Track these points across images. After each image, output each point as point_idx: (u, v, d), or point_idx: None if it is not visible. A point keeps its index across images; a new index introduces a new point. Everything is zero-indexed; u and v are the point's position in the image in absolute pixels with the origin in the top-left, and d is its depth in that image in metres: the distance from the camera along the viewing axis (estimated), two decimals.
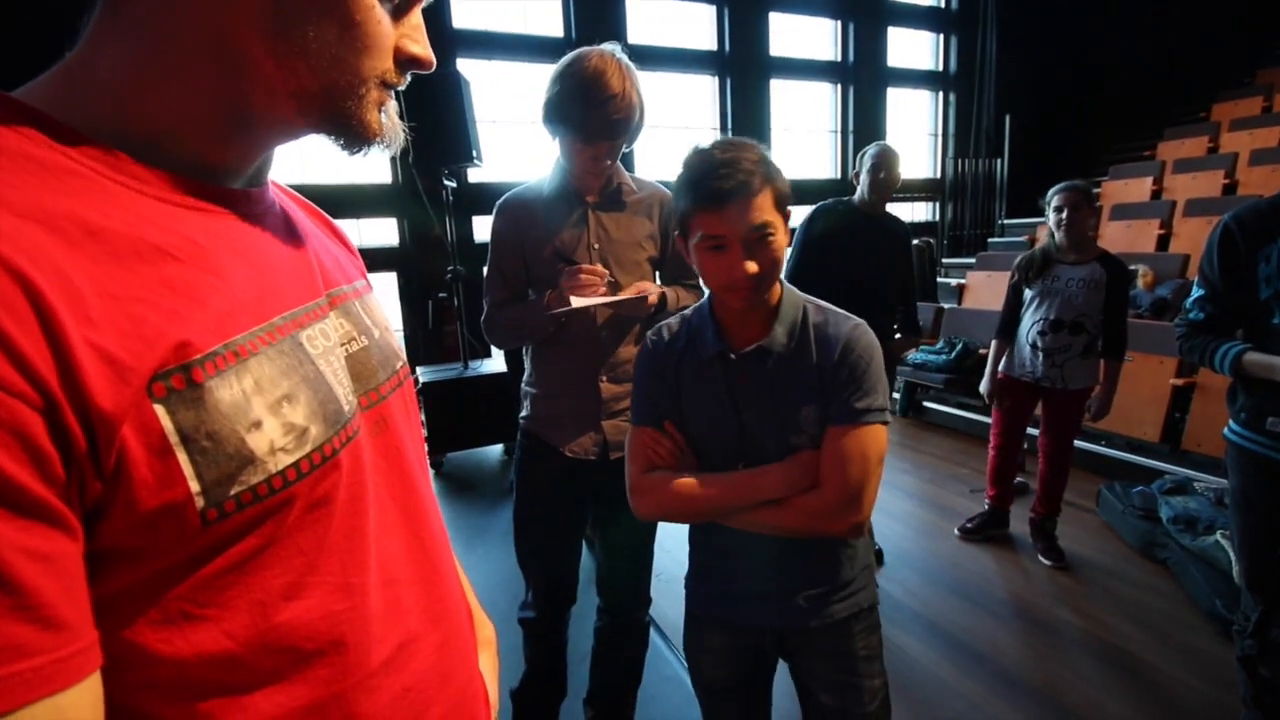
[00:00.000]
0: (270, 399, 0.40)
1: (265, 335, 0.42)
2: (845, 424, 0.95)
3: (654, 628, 2.30)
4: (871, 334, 1.00)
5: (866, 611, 1.07)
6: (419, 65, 0.47)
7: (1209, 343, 1.52)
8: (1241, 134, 5.76)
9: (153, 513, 0.35)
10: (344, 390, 0.47)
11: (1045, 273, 2.48)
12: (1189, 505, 2.65)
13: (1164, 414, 3.31)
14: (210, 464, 0.37)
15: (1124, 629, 2.21)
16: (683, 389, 1.04)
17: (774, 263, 0.94)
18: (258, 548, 0.40)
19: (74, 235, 0.34)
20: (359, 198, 5.20)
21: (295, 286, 0.47)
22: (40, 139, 0.36)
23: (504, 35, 5.65)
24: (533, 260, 1.40)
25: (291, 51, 0.40)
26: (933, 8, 7.98)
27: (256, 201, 0.47)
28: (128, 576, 0.36)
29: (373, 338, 0.54)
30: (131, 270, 0.36)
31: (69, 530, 0.32)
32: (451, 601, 0.56)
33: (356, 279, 0.57)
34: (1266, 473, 1.44)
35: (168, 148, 0.41)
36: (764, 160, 0.93)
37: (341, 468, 0.45)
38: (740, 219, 0.90)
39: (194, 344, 0.37)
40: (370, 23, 0.42)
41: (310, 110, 0.43)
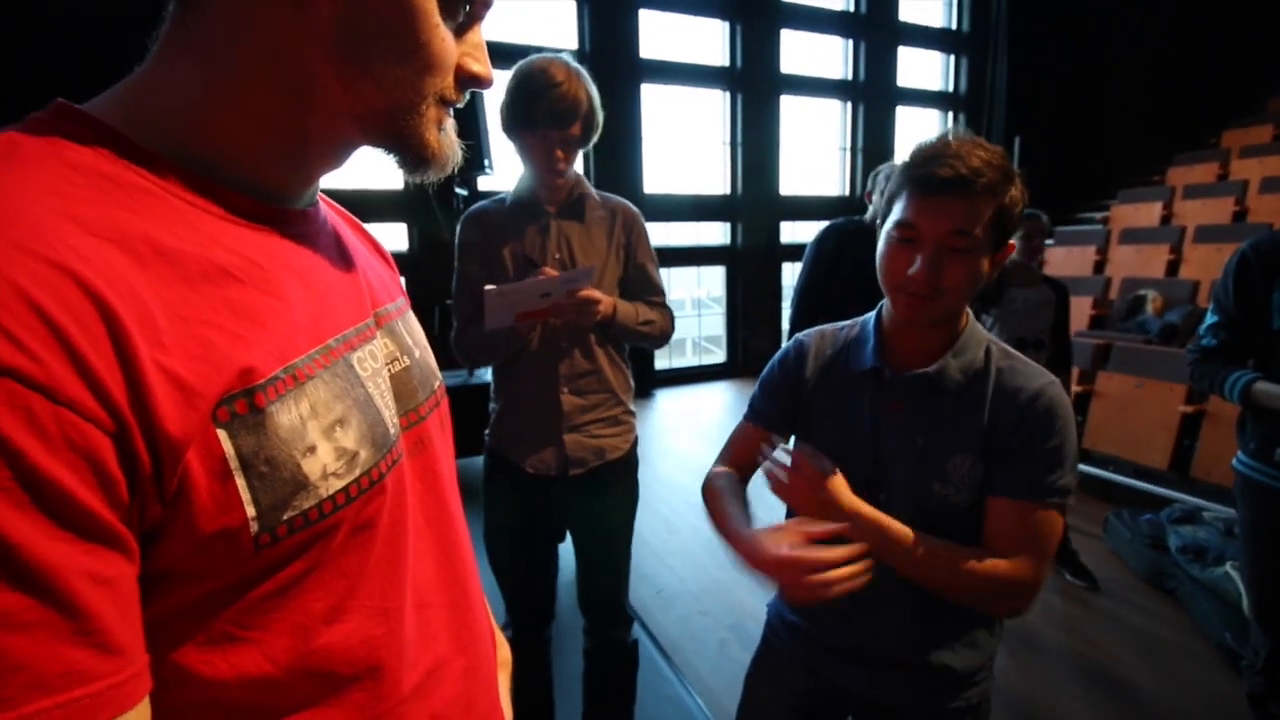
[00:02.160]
0: (325, 423, 0.40)
1: (321, 358, 0.42)
2: (1040, 498, 0.81)
3: (653, 645, 2.28)
4: (1065, 394, 0.86)
5: (976, 707, 0.93)
6: (479, 83, 0.46)
7: (1220, 370, 1.51)
8: (1252, 161, 5.75)
9: (209, 537, 0.35)
10: (389, 413, 0.47)
11: (1000, 297, 2.63)
12: (1198, 535, 2.62)
13: (1173, 441, 3.28)
14: (266, 489, 0.37)
15: (1132, 660, 2.18)
16: (817, 400, 0.95)
17: (962, 281, 0.82)
18: (304, 571, 0.40)
19: (146, 256, 0.34)
20: (370, 202, 5.24)
21: (347, 307, 0.47)
22: (113, 157, 0.36)
23: (518, 46, 5.68)
24: (498, 270, 1.39)
25: (358, 74, 0.41)
26: (943, 29, 8.04)
27: (311, 220, 0.47)
28: (178, 599, 0.35)
29: (414, 357, 0.54)
30: (199, 292, 0.36)
31: (128, 553, 0.32)
32: (478, 626, 0.56)
33: (398, 297, 0.57)
34: (1275, 505, 1.43)
35: (232, 168, 0.41)
36: (1003, 171, 0.81)
37: (386, 491, 0.45)
38: (943, 216, 0.80)
39: (258, 369, 0.37)
40: (436, 41, 0.42)
41: (373, 130, 0.43)
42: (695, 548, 3.03)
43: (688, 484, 3.87)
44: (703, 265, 7.26)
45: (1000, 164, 0.81)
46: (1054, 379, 0.86)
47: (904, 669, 0.92)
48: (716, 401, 6.08)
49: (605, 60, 6.03)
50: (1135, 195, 6.19)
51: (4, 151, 0.34)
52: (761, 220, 7.07)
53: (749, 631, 2.33)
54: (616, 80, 6.10)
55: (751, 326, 7.15)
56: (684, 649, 2.27)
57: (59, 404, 0.29)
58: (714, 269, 7.27)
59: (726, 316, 7.31)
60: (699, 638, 2.34)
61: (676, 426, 5.22)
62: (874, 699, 0.94)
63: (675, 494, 3.72)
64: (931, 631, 0.90)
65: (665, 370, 6.93)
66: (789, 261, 7.42)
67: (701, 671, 2.15)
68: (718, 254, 7.12)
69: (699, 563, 2.89)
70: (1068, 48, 7.36)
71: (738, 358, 7.21)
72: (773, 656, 1.05)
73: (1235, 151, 6.14)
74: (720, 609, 2.53)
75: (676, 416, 5.53)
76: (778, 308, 7.37)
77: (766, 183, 7.04)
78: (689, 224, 6.90)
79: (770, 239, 7.17)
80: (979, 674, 0.93)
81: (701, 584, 2.71)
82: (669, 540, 3.12)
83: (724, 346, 7.44)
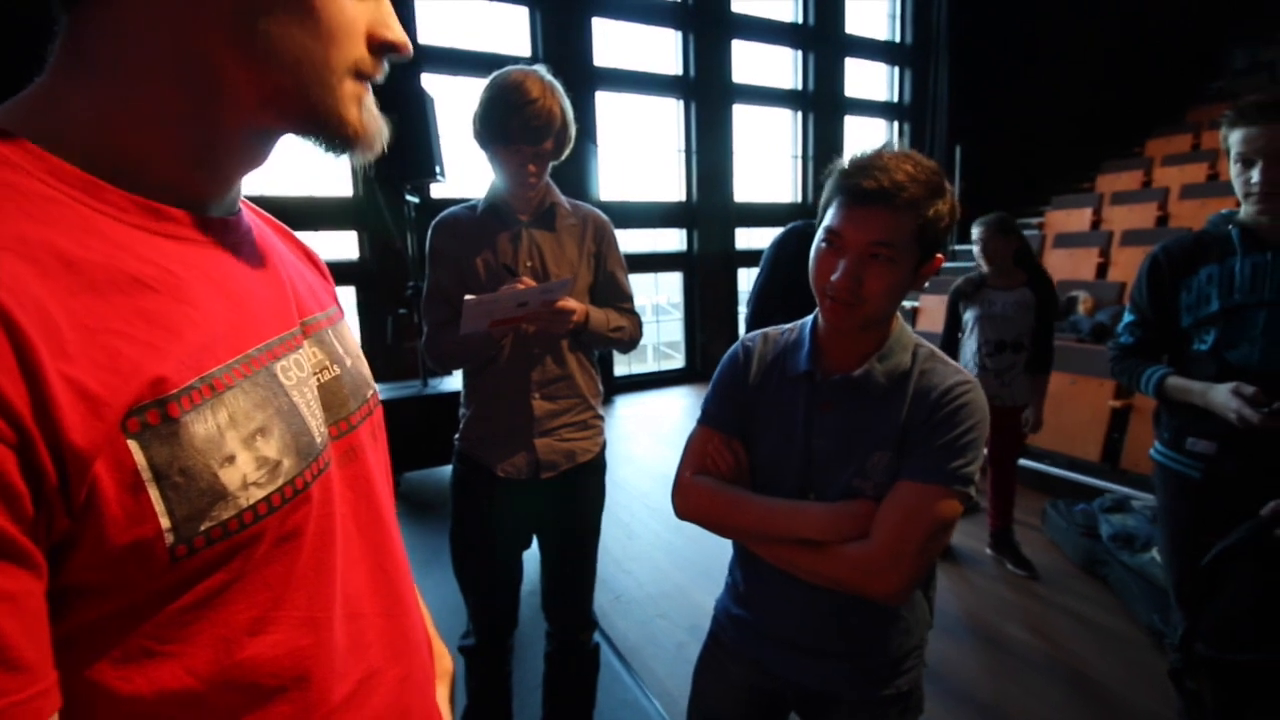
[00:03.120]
0: (244, 433, 0.40)
1: (241, 367, 0.41)
2: (922, 480, 0.84)
3: (611, 650, 2.28)
4: (983, 395, 0.89)
5: (906, 695, 0.96)
6: (395, 51, 0.46)
7: (1137, 366, 1.61)
8: (1172, 169, 6.12)
9: (121, 549, 0.34)
10: (316, 421, 0.47)
11: (978, 296, 2.69)
12: (1127, 523, 2.77)
13: (1103, 434, 3.46)
14: (182, 500, 0.36)
15: (1069, 644, 2.28)
16: (760, 401, 0.98)
17: (882, 290, 0.85)
18: (225, 583, 0.39)
19: (51, 266, 0.34)
20: (319, 210, 5.11)
21: (270, 316, 0.46)
22: (17, 165, 0.35)
23: (471, 53, 5.67)
24: (470, 277, 1.40)
25: (257, 50, 0.40)
26: (888, 42, 8.31)
27: (233, 229, 0.46)
28: (91, 613, 0.35)
29: (344, 366, 0.53)
30: (108, 302, 0.35)
31: (34, 568, 0.31)
32: (414, 635, 0.56)
33: (329, 305, 0.57)
34: (1187, 491, 1.52)
35: (145, 175, 0.40)
36: (929, 186, 0.83)
37: (312, 500, 0.44)
38: (866, 226, 0.83)
39: (170, 379, 0.36)
40: (330, 7, 0.41)
41: (286, 110, 0.42)
42: (654, 552, 3.05)
43: (648, 489, 3.88)
44: (660, 272, 7.31)
45: (927, 179, 0.84)
46: (973, 381, 0.90)
47: (835, 656, 0.95)
48: (676, 406, 6.12)
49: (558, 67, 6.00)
50: (1067, 202, 6.52)
51: None
52: (717, 227, 7.17)
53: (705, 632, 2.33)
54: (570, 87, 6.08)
55: (709, 331, 7.23)
56: (642, 653, 2.28)
57: None
58: (672, 275, 7.33)
59: (685, 322, 7.38)
60: (657, 641, 2.36)
61: (636, 432, 5.23)
62: (811, 687, 0.97)
63: (635, 499, 3.73)
64: (859, 618, 0.93)
65: (625, 376, 6.94)
66: (745, 267, 7.53)
67: (660, 674, 2.16)
68: (675, 260, 7.18)
69: (658, 567, 2.91)
70: (1005, 62, 7.71)
71: (696, 362, 7.28)
72: (719, 649, 1.07)
73: (1158, 160, 6.53)
74: (678, 612, 2.55)
75: (636, 422, 5.55)
76: (734, 312, 7.47)
77: (721, 190, 7.14)
78: (646, 231, 6.94)
79: (726, 245, 7.27)
80: (908, 660, 0.96)
81: (660, 588, 2.73)
82: (628, 545, 3.13)
83: (683, 351, 7.50)
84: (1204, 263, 1.48)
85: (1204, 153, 6.22)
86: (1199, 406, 1.43)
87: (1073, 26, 7.82)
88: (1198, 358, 1.48)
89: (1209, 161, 5.87)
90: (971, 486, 0.85)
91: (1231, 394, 1.33)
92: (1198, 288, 1.49)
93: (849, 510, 0.86)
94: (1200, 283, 1.47)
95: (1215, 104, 7.67)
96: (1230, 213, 1.50)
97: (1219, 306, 1.43)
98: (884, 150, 0.86)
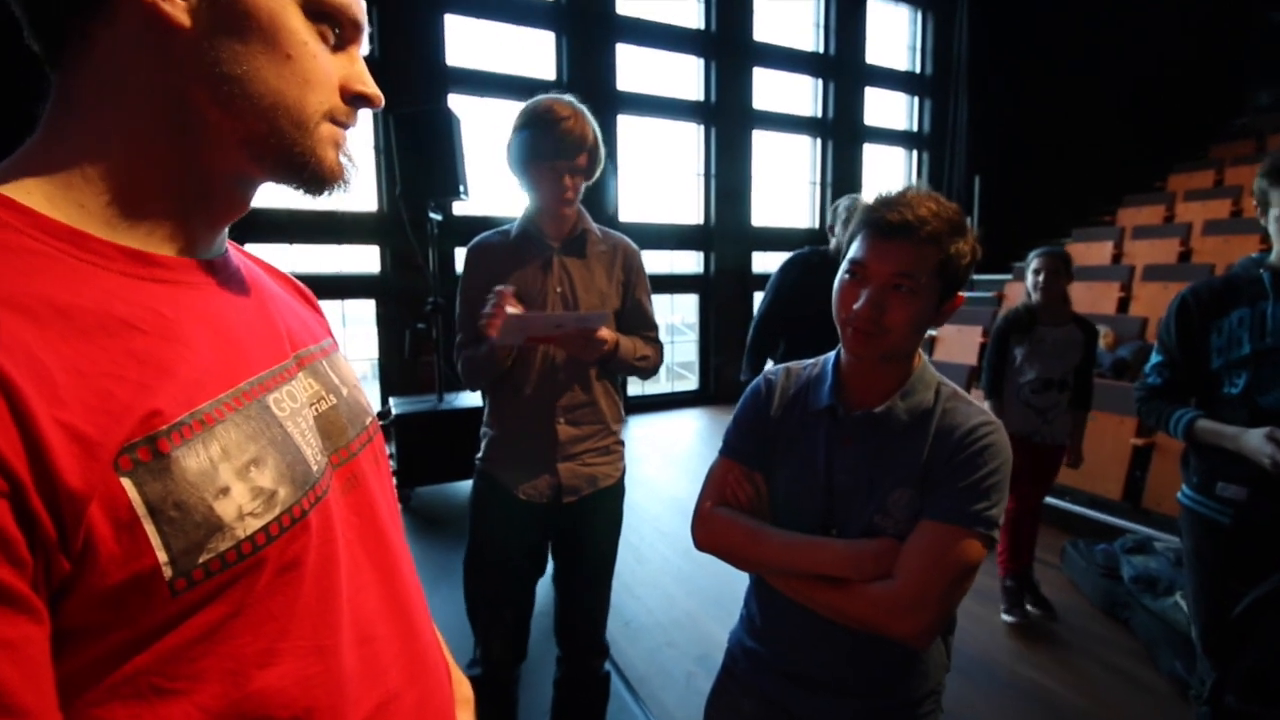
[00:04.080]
0: (238, 464, 0.40)
1: (232, 401, 0.42)
2: (946, 521, 0.84)
3: (620, 679, 2.25)
4: (1006, 437, 0.89)
5: None
6: (368, 103, 0.48)
7: (1165, 408, 1.58)
8: (1195, 204, 6.07)
9: (120, 586, 0.35)
10: (312, 450, 0.47)
11: (1031, 332, 2.59)
12: (1150, 565, 2.70)
13: (1125, 472, 3.40)
14: (178, 533, 0.37)
15: (1089, 690, 2.22)
16: (781, 434, 0.98)
17: (904, 321, 0.86)
18: (227, 615, 0.39)
19: (43, 315, 0.35)
20: (343, 224, 5.20)
21: (262, 351, 0.47)
22: (8, 224, 0.37)
23: (497, 75, 5.78)
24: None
25: (234, 94, 0.42)
26: (908, 73, 8.38)
27: (219, 270, 0.48)
28: (95, 650, 0.35)
29: (341, 396, 0.55)
30: (99, 345, 0.36)
31: (34, 614, 0.31)
32: (429, 657, 0.56)
33: (323, 338, 0.58)
34: (1217, 536, 1.49)
35: (133, 223, 0.42)
36: (951, 224, 0.86)
37: (311, 528, 0.45)
38: (889, 258, 0.85)
39: (161, 414, 0.37)
40: (305, 58, 0.44)
41: (263, 154, 0.44)
42: (664, 578, 3.02)
43: (659, 513, 3.86)
44: (676, 293, 7.34)
45: (949, 217, 0.86)
46: (995, 422, 0.90)
47: (852, 696, 0.93)
48: (688, 429, 6.10)
49: (582, 91, 6.10)
50: (1088, 234, 6.47)
51: None
52: (734, 250, 7.20)
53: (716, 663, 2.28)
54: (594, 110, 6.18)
55: (724, 353, 7.23)
56: (651, 682, 2.25)
57: None
58: (688, 296, 7.36)
59: (699, 343, 7.38)
60: (666, 670, 2.32)
61: (648, 454, 5.21)
62: None
63: (646, 523, 3.70)
64: (877, 658, 0.91)
65: (638, 397, 6.94)
66: (760, 290, 7.54)
67: (669, 705, 2.12)
68: (691, 282, 7.21)
69: (668, 593, 2.87)
70: (1025, 94, 7.74)
71: (710, 384, 7.27)
72: (732, 683, 1.06)
73: (1180, 195, 6.48)
74: (688, 640, 2.51)
75: (648, 444, 5.53)
76: None
77: (739, 214, 7.18)
78: (664, 252, 6.99)
79: (742, 268, 7.30)
80: (925, 704, 0.95)
81: (670, 615, 2.69)
82: (638, 570, 3.10)
83: (697, 373, 7.49)
84: (1235, 305, 1.46)
85: (1227, 189, 6.17)
86: (1230, 451, 1.41)
87: (1094, 61, 7.85)
88: (1228, 401, 1.46)
89: (1233, 198, 5.82)
90: (995, 529, 0.85)
91: (1266, 439, 1.31)
92: (1228, 330, 1.47)
93: (871, 548, 0.86)
94: (1231, 325, 1.46)
95: (1238, 140, 7.63)
96: (1260, 256, 1.49)
97: (1250, 350, 1.41)
98: (908, 190, 0.89)
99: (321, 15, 0.44)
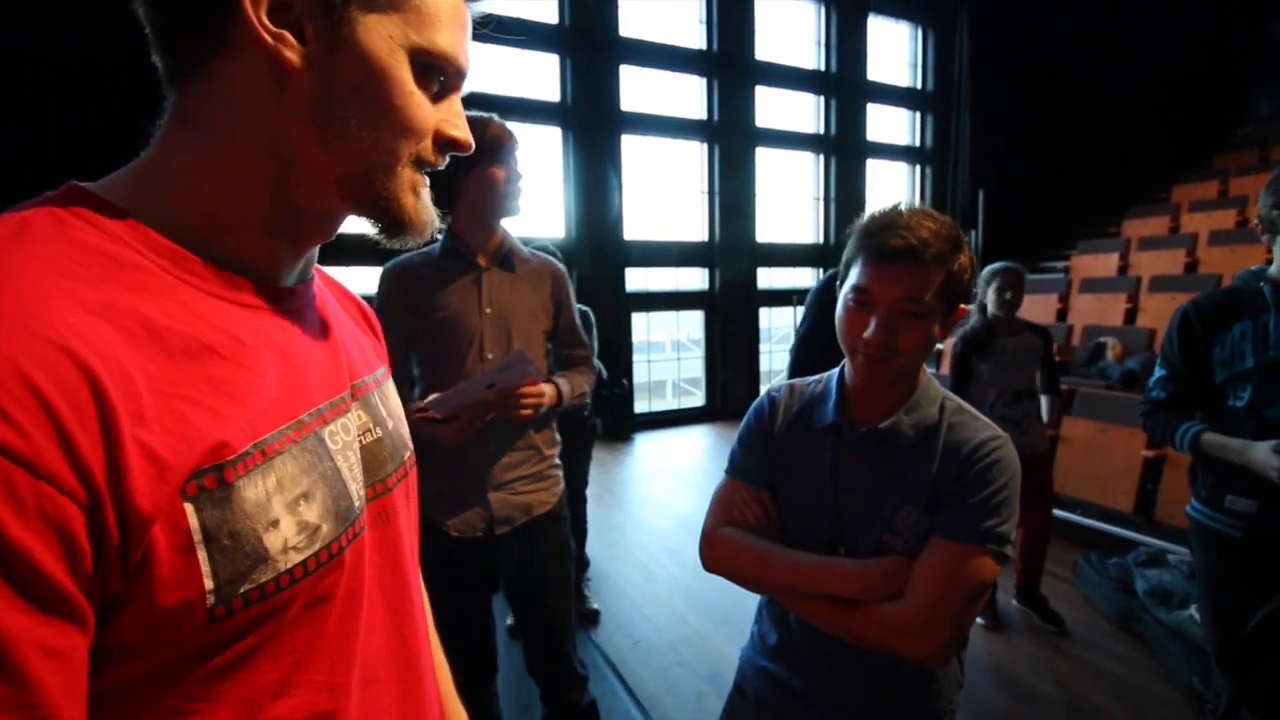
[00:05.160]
0: (289, 497, 0.41)
1: (292, 433, 0.43)
2: (957, 539, 0.82)
3: (630, 699, 2.24)
4: (1014, 451, 0.88)
5: None
6: (457, 147, 0.49)
7: (1170, 421, 1.58)
8: (1200, 215, 6.07)
9: (167, 610, 0.35)
10: (356, 485, 0.48)
11: (992, 346, 2.63)
12: (1164, 578, 2.67)
13: (1136, 485, 3.37)
14: (227, 562, 0.37)
15: (1103, 703, 2.19)
16: (785, 452, 0.98)
17: (916, 344, 0.86)
18: (256, 645, 0.40)
19: (137, 333, 0.36)
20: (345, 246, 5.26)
21: (323, 381, 0.48)
22: (116, 236, 0.39)
23: (504, 98, 5.88)
24: (424, 327, 1.36)
25: (336, 139, 0.43)
26: (909, 88, 8.45)
27: (300, 296, 0.49)
28: (128, 671, 0.36)
29: (386, 429, 0.55)
30: (182, 368, 0.38)
31: (83, 625, 0.32)
32: (427, 702, 0.56)
33: (378, 367, 0.59)
34: (1226, 550, 1.48)
35: (226, 246, 0.43)
36: (951, 241, 0.86)
37: (345, 565, 0.45)
38: (895, 283, 0.84)
39: (230, 444, 0.38)
40: (411, 107, 0.45)
41: (352, 194, 0.46)
42: (673, 596, 3.00)
43: (667, 530, 3.85)
44: (682, 310, 7.37)
45: (948, 234, 0.86)
46: (1005, 436, 0.89)
47: (865, 715, 0.93)
48: (695, 445, 6.09)
49: (587, 112, 6.23)
50: (1094, 246, 6.47)
51: (15, 230, 0.36)
52: (739, 266, 7.24)
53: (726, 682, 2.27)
54: (598, 131, 6.29)
55: (730, 369, 7.24)
56: (662, 703, 2.23)
57: (39, 478, 0.30)
58: (693, 313, 7.39)
59: (705, 359, 7.40)
60: (676, 690, 2.31)
61: (655, 472, 5.21)
62: None
63: (653, 541, 3.69)
64: (890, 677, 0.90)
65: (644, 414, 6.95)
66: (766, 306, 7.57)
67: None
68: (697, 298, 7.25)
69: (677, 611, 2.86)
70: (1026, 107, 7.79)
71: (716, 400, 7.27)
72: (743, 702, 1.05)
73: (1185, 206, 6.48)
74: (698, 659, 2.50)
75: (655, 461, 5.53)
76: (755, 351, 7.48)
77: (743, 230, 7.23)
78: (669, 269, 7.04)
79: (747, 284, 7.33)
80: None
81: (680, 634, 2.68)
82: (646, 589, 3.09)
83: (703, 389, 7.50)
84: (1236, 319, 1.47)
85: (1232, 199, 6.17)
86: (1237, 464, 1.40)
87: (1096, 72, 7.90)
88: (1233, 414, 1.46)
89: (1237, 208, 5.82)
90: (1008, 545, 0.84)
91: (1273, 452, 1.31)
92: (1231, 344, 1.47)
93: (882, 568, 0.85)
94: (1234, 339, 1.46)
95: (1241, 150, 7.63)
96: (1260, 269, 1.50)
97: (1254, 363, 1.42)
98: (902, 209, 0.88)
99: (430, 67, 0.45)
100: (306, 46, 0.41)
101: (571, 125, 6.20)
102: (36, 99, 3.76)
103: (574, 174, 6.22)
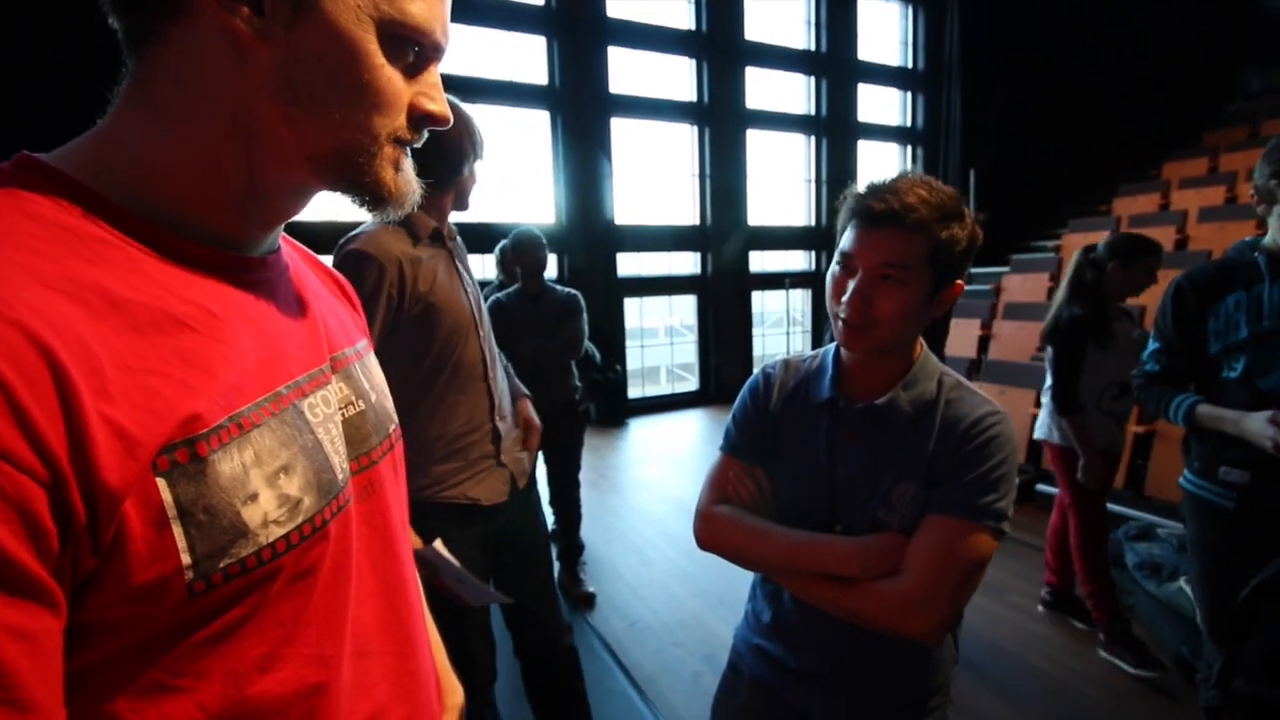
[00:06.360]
0: (268, 471, 0.40)
1: (269, 405, 0.42)
2: (955, 515, 0.82)
3: (627, 680, 2.25)
4: (1013, 427, 0.87)
5: None
6: (434, 122, 0.47)
7: (1164, 394, 1.58)
8: (1190, 192, 6.07)
9: (142, 586, 0.35)
10: (339, 459, 0.47)
11: (1109, 329, 2.33)
12: (1153, 551, 2.70)
13: (1127, 460, 3.40)
14: (204, 537, 0.37)
15: (1094, 676, 2.22)
16: (781, 429, 0.97)
17: (893, 312, 0.83)
18: (241, 619, 0.39)
19: (98, 307, 0.35)
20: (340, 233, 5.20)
21: (301, 353, 0.47)
22: (72, 208, 0.37)
23: (489, 81, 5.80)
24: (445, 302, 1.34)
25: (303, 116, 0.41)
26: (900, 68, 8.39)
27: (270, 267, 0.48)
28: (109, 647, 0.35)
29: (369, 401, 0.54)
30: (149, 341, 0.36)
31: (54, 607, 0.32)
32: (421, 673, 0.55)
33: (359, 339, 0.58)
34: (1221, 521, 1.49)
35: (191, 217, 0.42)
36: (943, 210, 0.82)
37: (329, 538, 0.44)
38: (876, 248, 0.82)
39: (202, 417, 0.37)
40: (380, 81, 0.43)
41: (324, 171, 0.44)
42: (669, 579, 3.01)
43: (662, 514, 3.85)
44: (674, 294, 7.34)
45: (940, 203, 0.82)
46: (1001, 411, 0.87)
47: (860, 692, 0.92)
48: (690, 429, 6.10)
49: (576, 95, 6.15)
50: (1084, 224, 6.47)
51: None
52: (731, 250, 7.21)
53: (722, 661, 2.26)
54: (587, 114, 6.22)
55: (723, 354, 7.23)
56: (658, 682, 2.24)
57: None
58: (685, 298, 7.37)
59: (698, 344, 7.39)
60: (673, 670, 2.32)
61: (649, 456, 5.21)
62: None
63: (649, 525, 3.70)
64: (885, 653, 0.90)
65: (639, 399, 6.94)
66: (758, 290, 7.55)
67: (676, 705, 2.12)
68: (689, 283, 7.22)
69: (673, 594, 2.87)
70: (1018, 86, 7.76)
71: (710, 384, 7.27)
72: (738, 680, 1.05)
73: (1175, 183, 6.49)
74: (694, 640, 2.51)
75: (649, 446, 5.53)
76: (748, 335, 7.47)
77: (735, 213, 7.19)
78: (661, 254, 7.00)
79: (740, 268, 7.30)
80: (935, 698, 0.94)
81: (675, 616, 2.69)
82: (642, 572, 3.10)
83: (696, 374, 7.50)
84: (1230, 290, 1.46)
85: (1221, 175, 6.17)
86: (1231, 435, 1.40)
87: (1087, 50, 7.87)
88: (1227, 385, 1.46)
89: (1227, 185, 5.82)
90: (1006, 522, 0.82)
91: (1268, 422, 1.31)
92: (1225, 315, 1.47)
93: (878, 545, 0.84)
94: (1228, 309, 1.46)
95: (1231, 126, 7.64)
96: (1254, 240, 1.49)
97: (1248, 333, 1.41)
98: (901, 177, 0.86)
99: (402, 40, 0.43)
100: (264, 17, 0.39)
101: (560, 109, 6.12)
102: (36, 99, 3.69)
103: (563, 159, 6.14)
